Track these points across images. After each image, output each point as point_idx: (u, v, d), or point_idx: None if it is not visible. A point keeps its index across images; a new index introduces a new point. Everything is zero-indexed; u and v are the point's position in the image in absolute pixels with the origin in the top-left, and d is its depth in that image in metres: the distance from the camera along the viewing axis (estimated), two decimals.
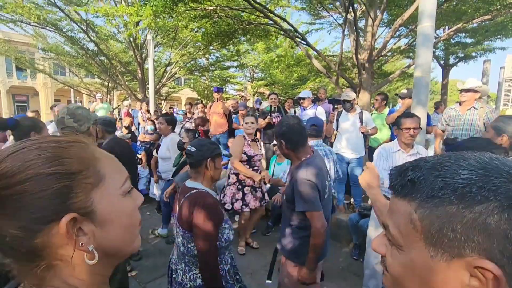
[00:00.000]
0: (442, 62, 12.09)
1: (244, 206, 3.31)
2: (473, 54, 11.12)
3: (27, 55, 15.64)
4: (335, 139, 4.43)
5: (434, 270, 0.39)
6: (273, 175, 4.18)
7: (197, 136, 2.83)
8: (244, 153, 3.30)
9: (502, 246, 0.34)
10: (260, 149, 3.58)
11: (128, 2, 9.25)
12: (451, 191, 0.37)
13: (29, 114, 5.60)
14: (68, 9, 8.86)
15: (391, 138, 4.36)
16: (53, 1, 8.12)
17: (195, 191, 1.51)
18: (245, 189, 3.31)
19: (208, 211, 1.42)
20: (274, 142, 3.55)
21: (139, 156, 5.49)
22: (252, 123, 3.43)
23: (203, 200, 1.46)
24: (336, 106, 4.08)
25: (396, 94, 4.28)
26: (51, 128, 3.53)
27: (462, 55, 11.42)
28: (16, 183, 0.40)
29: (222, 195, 3.36)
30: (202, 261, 1.43)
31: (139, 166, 4.69)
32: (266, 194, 3.54)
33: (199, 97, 17.62)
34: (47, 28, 9.50)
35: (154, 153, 4.46)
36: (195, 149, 1.56)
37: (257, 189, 3.39)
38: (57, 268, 0.44)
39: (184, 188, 1.59)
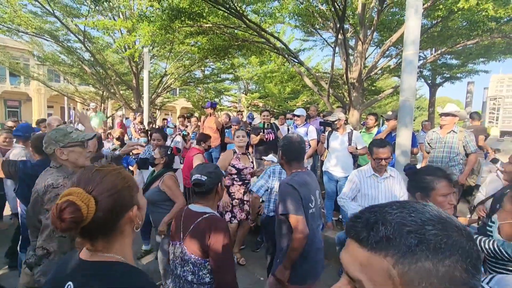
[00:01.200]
0: (429, 82, 12.55)
1: (233, 218, 3.39)
2: (459, 75, 11.60)
3: (22, 61, 15.61)
4: (325, 158, 4.56)
5: None
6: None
7: (169, 152, 2.85)
8: (233, 166, 3.40)
9: None
10: (252, 162, 3.65)
11: (126, 16, 9.44)
12: (426, 248, 0.40)
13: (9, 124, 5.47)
14: (66, 19, 8.98)
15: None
16: (52, 12, 8.22)
17: (207, 215, 1.49)
18: (233, 201, 3.39)
19: (226, 235, 1.42)
20: (266, 158, 3.63)
21: (131, 169, 5.50)
22: (243, 136, 3.54)
23: (220, 224, 1.46)
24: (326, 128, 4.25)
25: (382, 116, 4.46)
26: (17, 150, 3.37)
27: (448, 75, 11.90)
28: (112, 194, 0.78)
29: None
30: (225, 283, 1.40)
31: None
32: None
33: (193, 108, 17.73)
34: (44, 37, 9.58)
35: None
36: (206, 178, 1.54)
37: (245, 202, 3.47)
38: (120, 238, 0.81)
39: (191, 213, 1.53)
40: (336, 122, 4.11)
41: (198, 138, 4.07)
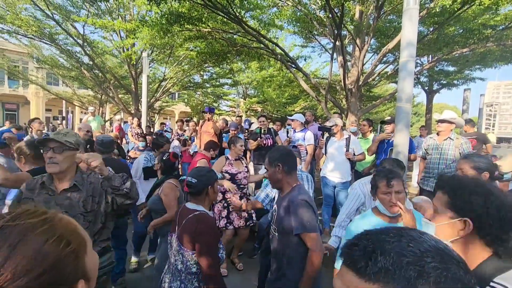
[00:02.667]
0: (426, 88, 12.65)
1: (228, 224, 3.36)
2: (455, 82, 11.72)
3: (21, 64, 15.62)
4: (323, 164, 4.56)
5: None
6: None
7: (165, 158, 2.83)
8: (226, 172, 3.41)
9: None
10: (246, 166, 3.63)
11: (125, 19, 9.49)
12: (426, 282, 0.40)
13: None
14: (65, 23, 9.02)
15: (376, 164, 4.51)
16: (51, 15, 8.25)
17: (197, 212, 1.64)
18: (230, 207, 3.36)
19: (210, 231, 1.59)
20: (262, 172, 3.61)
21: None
22: (241, 146, 3.55)
23: (206, 221, 1.60)
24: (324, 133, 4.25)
25: (382, 122, 4.47)
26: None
27: (445, 82, 12.01)
28: (35, 277, 0.43)
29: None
30: (208, 276, 1.52)
31: None
32: (254, 215, 3.58)
33: (192, 112, 17.74)
34: (44, 40, 9.60)
35: None
36: (196, 180, 1.67)
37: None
38: None
39: (186, 210, 1.69)
40: (333, 128, 4.12)
41: (207, 145, 4.04)
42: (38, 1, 7.90)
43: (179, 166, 6.21)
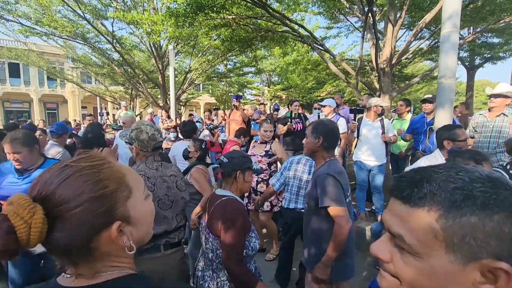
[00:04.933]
0: (467, 64, 11.62)
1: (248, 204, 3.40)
2: (501, 54, 10.61)
3: (57, 65, 16.67)
4: (355, 147, 4.39)
5: (451, 273, 0.43)
6: None
7: (203, 146, 2.84)
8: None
9: (509, 248, 0.40)
10: (268, 150, 3.49)
11: (150, 12, 9.68)
12: (473, 203, 0.41)
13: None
14: (95, 22, 9.41)
15: (414, 146, 4.26)
16: (83, 15, 8.63)
17: (225, 198, 1.58)
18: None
19: (236, 216, 1.49)
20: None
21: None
22: (270, 131, 3.50)
23: (233, 206, 1.53)
24: (358, 116, 4.05)
25: (424, 100, 4.12)
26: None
27: (489, 55, 10.93)
28: (73, 207, 0.53)
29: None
30: (227, 266, 1.45)
31: None
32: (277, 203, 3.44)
33: (217, 103, 17.94)
34: (77, 40, 10.11)
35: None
36: (226, 160, 1.66)
37: (258, 192, 3.39)
38: (106, 260, 0.58)
39: (214, 196, 1.66)
40: (374, 107, 3.91)
41: (238, 132, 4.08)
42: (69, 2, 8.28)
43: (208, 155, 6.37)
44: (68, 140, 4.06)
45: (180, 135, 6.13)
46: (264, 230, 3.69)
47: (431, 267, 0.44)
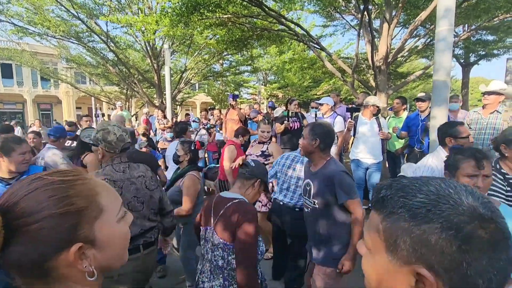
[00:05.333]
0: (462, 61, 11.71)
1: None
2: (495, 51, 10.71)
3: (51, 65, 16.49)
4: (351, 146, 4.40)
5: (390, 272, 0.48)
6: None
7: (193, 148, 2.65)
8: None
9: (438, 259, 0.42)
10: (264, 151, 3.49)
11: (145, 13, 9.60)
12: (406, 211, 0.45)
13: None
14: (89, 21, 9.30)
15: (409, 143, 4.29)
16: (77, 15, 8.53)
17: (237, 200, 1.49)
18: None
19: (253, 219, 1.42)
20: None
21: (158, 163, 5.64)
22: (268, 132, 3.49)
23: (248, 209, 1.45)
24: (354, 114, 4.06)
25: (417, 99, 4.15)
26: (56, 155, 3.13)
27: (483, 53, 11.02)
28: (33, 221, 0.50)
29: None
30: (243, 272, 1.36)
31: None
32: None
33: (213, 102, 17.88)
34: (71, 40, 10.00)
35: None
36: (254, 165, 1.65)
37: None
38: (63, 284, 0.53)
39: (222, 199, 1.54)
40: (370, 106, 3.93)
41: (237, 131, 4.03)
42: (62, 1, 8.18)
43: (205, 155, 6.34)
44: (69, 142, 3.99)
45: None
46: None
47: (376, 263, 0.50)
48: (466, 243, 0.41)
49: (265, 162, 3.45)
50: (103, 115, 9.05)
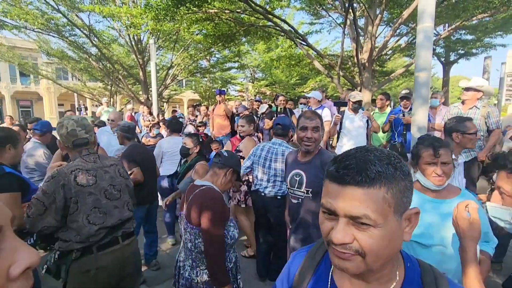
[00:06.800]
0: (442, 59, 12.09)
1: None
2: (474, 51, 11.12)
3: (31, 60, 15.80)
4: (337, 141, 4.48)
5: (397, 229, 0.55)
6: None
7: (200, 140, 2.86)
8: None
9: (411, 198, 0.57)
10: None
11: (128, 5, 9.36)
12: (401, 172, 0.54)
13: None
14: (70, 15, 8.98)
15: (391, 139, 4.41)
16: (57, 7, 8.22)
17: (204, 187, 1.60)
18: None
19: (216, 205, 1.51)
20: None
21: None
22: (242, 126, 3.40)
23: (212, 195, 1.56)
24: (341, 109, 4.13)
25: (402, 98, 4.26)
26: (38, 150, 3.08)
27: (463, 51, 11.42)
28: None
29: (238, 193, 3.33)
30: (209, 253, 1.48)
31: None
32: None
33: (201, 99, 17.71)
34: (51, 34, 9.62)
35: None
36: (226, 155, 1.73)
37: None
38: None
39: (193, 186, 1.67)
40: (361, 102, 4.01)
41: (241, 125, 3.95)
42: None
43: None
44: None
45: (162, 132, 6.02)
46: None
47: (389, 230, 0.53)
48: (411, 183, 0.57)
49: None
50: (86, 108, 8.71)
